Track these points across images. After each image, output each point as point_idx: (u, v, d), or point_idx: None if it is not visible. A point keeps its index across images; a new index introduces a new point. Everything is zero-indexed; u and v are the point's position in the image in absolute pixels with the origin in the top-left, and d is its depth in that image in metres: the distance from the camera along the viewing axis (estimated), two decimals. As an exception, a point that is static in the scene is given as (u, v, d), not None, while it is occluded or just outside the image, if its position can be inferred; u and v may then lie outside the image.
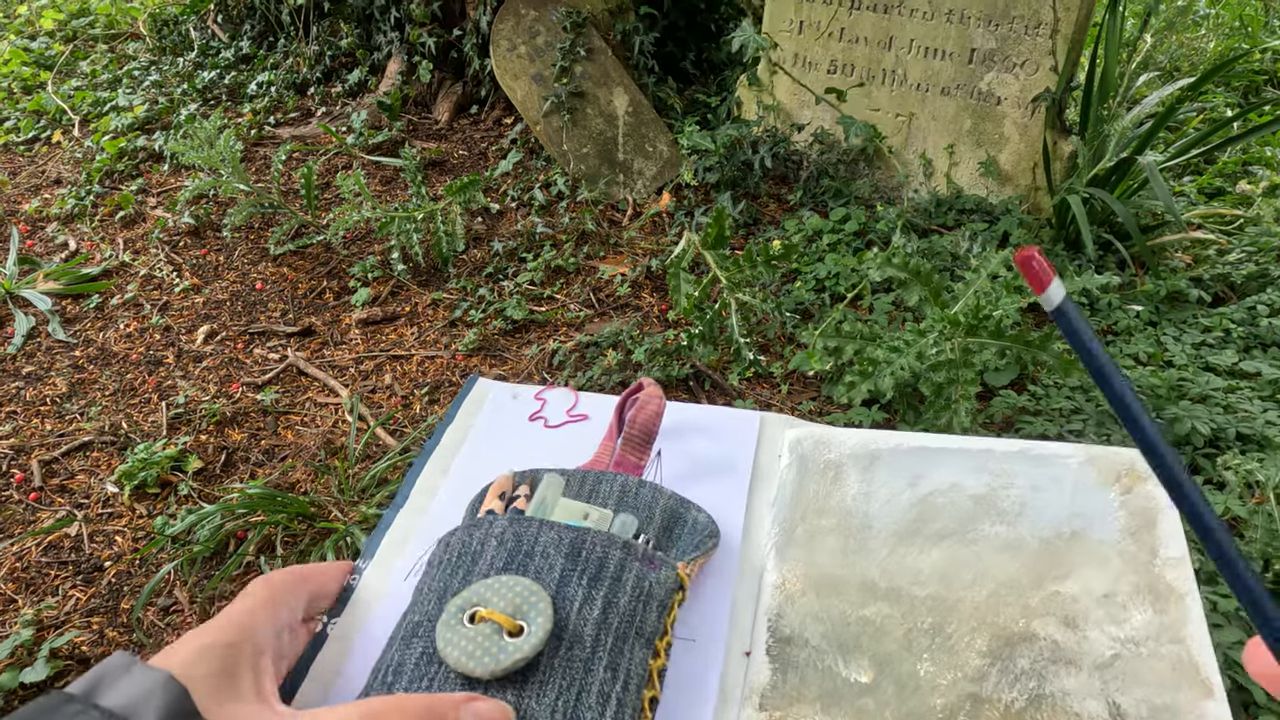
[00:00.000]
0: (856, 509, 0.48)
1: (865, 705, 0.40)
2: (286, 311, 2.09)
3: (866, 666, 0.41)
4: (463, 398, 0.60)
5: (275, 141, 2.78)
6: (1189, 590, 0.42)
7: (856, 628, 0.43)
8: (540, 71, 2.50)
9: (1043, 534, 0.45)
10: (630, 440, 0.52)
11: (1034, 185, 2.25)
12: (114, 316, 2.09)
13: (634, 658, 0.38)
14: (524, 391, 0.61)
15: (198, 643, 0.35)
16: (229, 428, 1.75)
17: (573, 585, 0.39)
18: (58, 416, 1.79)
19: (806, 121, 2.47)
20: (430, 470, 0.54)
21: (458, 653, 0.36)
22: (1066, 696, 0.39)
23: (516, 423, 0.58)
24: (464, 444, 0.56)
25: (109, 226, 2.42)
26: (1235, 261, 2.09)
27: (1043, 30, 2.11)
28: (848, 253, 2.13)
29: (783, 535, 0.48)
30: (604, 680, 0.37)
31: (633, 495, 0.48)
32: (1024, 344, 1.40)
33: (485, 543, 0.42)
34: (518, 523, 0.43)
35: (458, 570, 0.41)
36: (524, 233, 2.30)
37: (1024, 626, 0.41)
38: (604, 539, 0.42)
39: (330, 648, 0.43)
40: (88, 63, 3.41)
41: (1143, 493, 0.46)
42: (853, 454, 0.51)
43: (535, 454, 0.54)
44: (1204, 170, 2.61)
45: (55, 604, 1.41)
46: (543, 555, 0.41)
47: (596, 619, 0.38)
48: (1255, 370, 1.70)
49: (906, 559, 0.45)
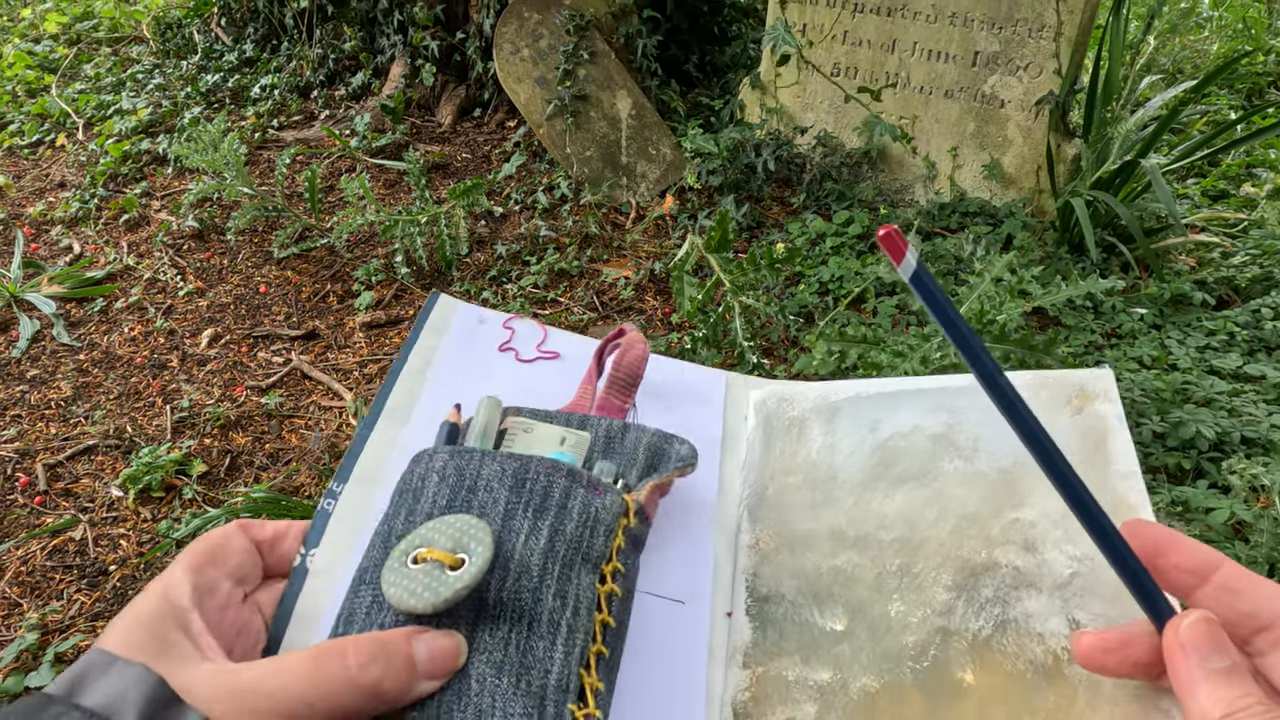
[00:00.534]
0: (821, 461, 0.49)
1: (841, 652, 0.41)
2: (290, 315, 2.10)
3: (840, 614, 0.43)
4: (426, 315, 0.57)
5: (279, 145, 2.78)
6: (1141, 502, 0.43)
7: (829, 578, 0.44)
8: (543, 75, 2.51)
9: (1000, 464, 0.46)
10: (615, 383, 0.51)
11: (1038, 188, 2.25)
12: (118, 320, 2.09)
13: (581, 583, 0.38)
14: (491, 317, 0.59)
15: (125, 620, 0.34)
16: (233, 431, 1.75)
17: (518, 517, 0.39)
18: (62, 420, 1.79)
19: (810, 124, 2.47)
20: (399, 392, 0.52)
21: (400, 591, 0.35)
22: (1029, 619, 0.40)
23: (486, 351, 0.57)
24: (432, 366, 0.55)
25: (113, 230, 2.43)
26: (1239, 264, 2.09)
27: (1046, 33, 2.10)
28: (851, 256, 2.13)
29: (754, 496, 0.49)
30: (553, 608, 0.36)
31: (618, 440, 0.47)
32: (1029, 348, 1.40)
33: (426, 478, 0.41)
34: (459, 455, 0.42)
35: (400, 510, 0.40)
36: (527, 236, 2.30)
37: (986, 556, 0.42)
38: (548, 466, 0.41)
39: (313, 583, 0.41)
40: (91, 66, 3.42)
41: (1092, 412, 0.47)
42: (815, 408, 0.52)
43: (508, 389, 0.52)
44: (1208, 173, 2.61)
45: (60, 608, 1.41)
46: (486, 489, 0.40)
47: (543, 548, 0.38)
48: (1260, 374, 1.69)
49: (872, 505, 0.46)
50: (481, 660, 0.35)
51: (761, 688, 0.41)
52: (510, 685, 0.34)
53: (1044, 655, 0.39)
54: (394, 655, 0.33)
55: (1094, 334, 1.89)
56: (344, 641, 0.34)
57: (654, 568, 0.46)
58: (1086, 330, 1.90)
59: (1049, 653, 0.39)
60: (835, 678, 0.41)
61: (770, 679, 0.41)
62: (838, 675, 0.41)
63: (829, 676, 0.41)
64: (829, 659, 0.41)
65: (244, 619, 0.39)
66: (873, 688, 0.40)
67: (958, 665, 0.40)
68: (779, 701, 0.40)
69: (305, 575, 0.42)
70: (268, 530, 0.42)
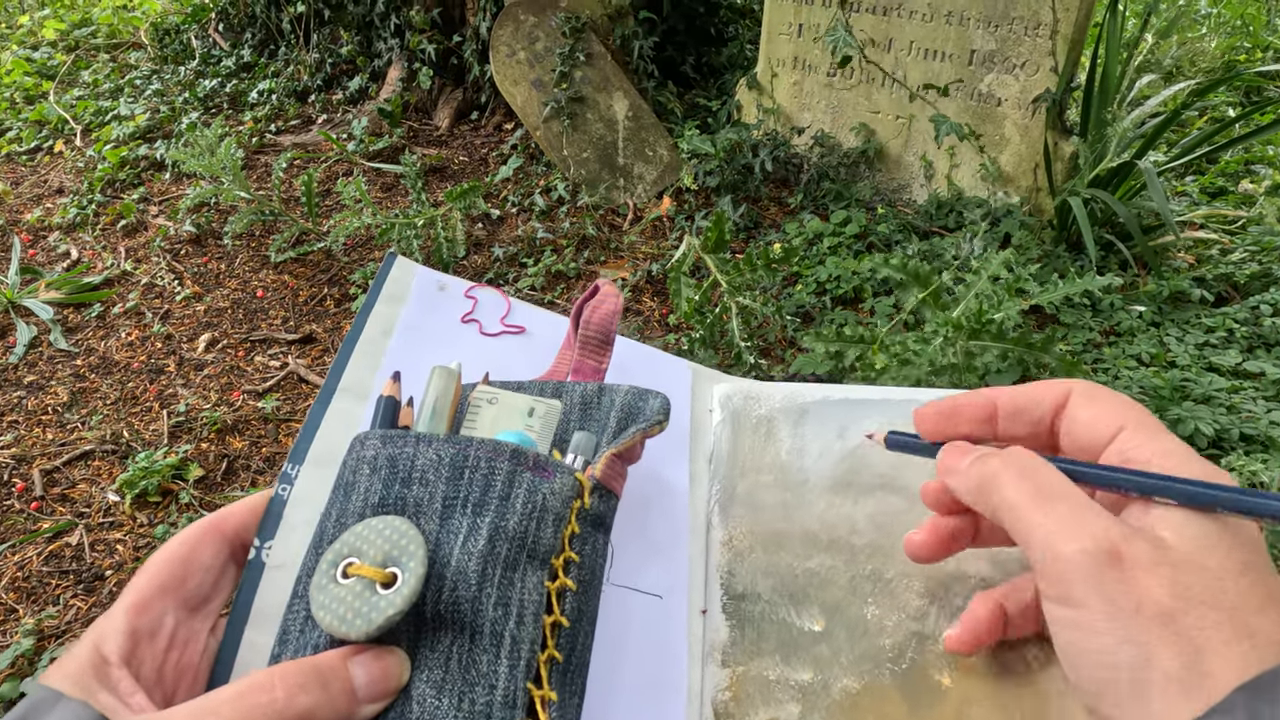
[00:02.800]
0: (792, 464, 0.49)
1: (821, 652, 0.42)
2: (288, 319, 2.09)
3: (817, 615, 0.43)
4: (382, 279, 0.53)
5: (276, 149, 2.78)
6: None
7: (804, 579, 0.44)
8: (540, 77, 2.51)
9: None
10: (588, 343, 0.48)
11: (1035, 186, 2.25)
12: (115, 325, 2.09)
13: (526, 586, 0.35)
14: (452, 284, 0.55)
15: (61, 666, 0.33)
16: (230, 436, 1.75)
17: (456, 515, 0.35)
18: (59, 425, 1.79)
19: (807, 124, 2.47)
20: (356, 364, 0.48)
21: (331, 617, 0.32)
22: None
23: (448, 321, 0.54)
24: (392, 336, 0.50)
25: (110, 235, 2.43)
26: (1238, 261, 2.08)
27: (1042, 31, 2.10)
28: (849, 255, 2.12)
29: (724, 493, 0.49)
30: (495, 619, 0.33)
31: (594, 405, 0.44)
32: (1026, 346, 1.39)
33: (358, 470, 0.37)
34: (391, 442, 0.38)
35: (332, 508, 0.37)
36: (525, 238, 2.30)
37: (955, 566, 0.44)
38: (489, 451, 0.37)
39: (272, 578, 0.38)
40: (89, 72, 3.42)
41: None
42: (782, 408, 0.52)
43: (472, 363, 0.48)
44: (1206, 170, 2.61)
45: (56, 614, 1.40)
46: (421, 482, 0.36)
47: (482, 551, 0.34)
48: (1259, 370, 1.69)
49: (843, 510, 0.47)
50: (422, 680, 0.33)
51: (742, 687, 0.41)
52: (452, 706, 0.32)
53: (1016, 661, 0.40)
54: (330, 683, 0.31)
55: (1092, 331, 1.88)
56: (273, 672, 0.31)
57: (631, 559, 0.44)
58: (1085, 328, 1.89)
59: (1020, 659, 0.40)
60: (817, 678, 0.41)
61: (751, 678, 0.41)
62: (819, 676, 0.41)
63: (810, 677, 0.41)
64: (809, 659, 0.41)
65: (195, 652, 0.37)
66: (854, 688, 0.40)
67: (934, 669, 0.40)
68: (761, 702, 0.40)
69: (261, 570, 0.38)
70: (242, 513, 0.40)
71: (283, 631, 0.35)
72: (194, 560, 0.37)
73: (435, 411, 0.41)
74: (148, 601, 0.35)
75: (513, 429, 0.42)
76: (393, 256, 0.55)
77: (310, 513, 0.40)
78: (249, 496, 0.41)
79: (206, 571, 0.37)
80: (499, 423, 0.42)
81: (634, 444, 0.42)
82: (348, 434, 0.42)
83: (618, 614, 0.42)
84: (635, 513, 0.45)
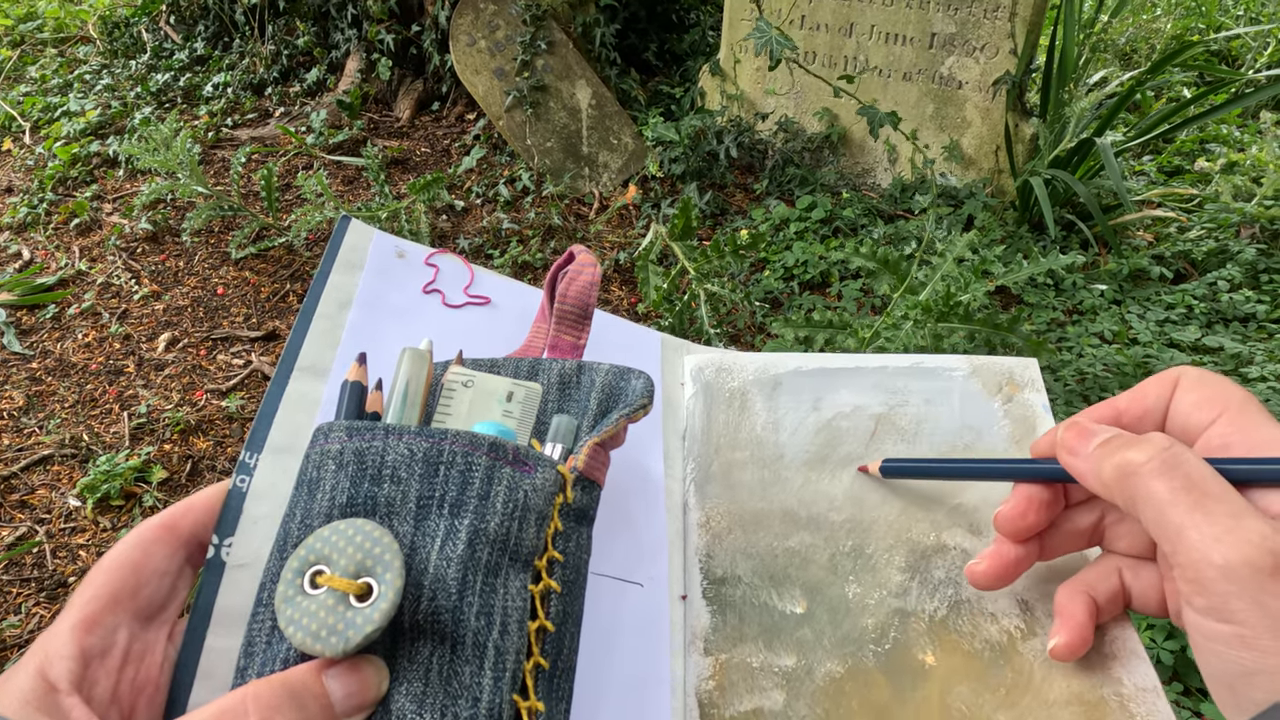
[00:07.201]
0: (767, 439, 0.49)
1: (804, 636, 0.41)
2: (250, 316, 2.06)
3: (799, 596, 0.42)
4: (336, 246, 0.49)
5: (234, 144, 2.73)
6: None
7: (784, 559, 0.44)
8: (501, 66, 2.48)
9: (939, 449, 0.48)
10: (564, 317, 0.46)
11: (997, 168, 2.27)
12: (72, 326, 2.04)
13: (509, 591, 0.33)
14: (411, 250, 0.52)
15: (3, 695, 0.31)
16: (194, 436, 1.72)
17: (432, 517, 0.33)
18: (15, 430, 1.75)
19: (770, 110, 2.47)
20: (314, 341, 0.44)
21: (301, 633, 0.30)
22: (981, 599, 0.42)
23: (409, 291, 0.50)
24: (350, 309, 0.47)
25: (64, 234, 2.37)
26: (1195, 238, 2.12)
27: (1001, 13, 2.12)
28: (815, 240, 2.13)
29: (700, 471, 0.48)
30: (478, 629, 0.31)
31: (573, 385, 0.42)
32: (993, 327, 1.41)
33: (323, 466, 0.34)
34: (359, 435, 0.34)
35: (295, 508, 0.34)
36: (490, 229, 2.28)
37: (935, 539, 0.44)
38: (465, 444, 0.34)
39: (234, 577, 0.35)
40: (36, 68, 3.33)
41: (1022, 401, 0.49)
42: (755, 380, 0.51)
43: (439, 338, 0.44)
44: (1163, 149, 2.65)
45: (18, 622, 1.37)
46: (393, 480, 0.33)
47: (462, 556, 0.32)
48: (1218, 345, 1.72)
49: (820, 486, 0.46)
50: (401, 693, 0.30)
51: (726, 675, 0.40)
52: None
53: (998, 634, 0.40)
54: (306, 702, 0.29)
55: (1056, 311, 1.91)
56: (244, 693, 0.29)
57: (610, 547, 0.42)
58: (1049, 307, 1.92)
59: (1003, 631, 0.40)
60: (800, 663, 0.40)
61: (734, 666, 0.40)
62: (802, 661, 0.40)
63: (793, 662, 0.40)
64: (792, 644, 0.41)
65: (153, 664, 0.34)
66: (838, 673, 0.40)
67: (918, 647, 0.40)
68: (745, 690, 0.39)
69: (222, 570, 0.35)
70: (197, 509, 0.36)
71: (248, 643, 0.32)
72: (146, 565, 0.34)
73: (407, 399, 0.38)
74: (97, 616, 0.32)
75: (490, 418, 0.40)
76: (346, 219, 0.51)
77: (272, 506, 0.37)
78: (204, 490, 0.37)
79: (161, 577, 0.34)
80: (475, 410, 0.40)
81: (617, 430, 0.39)
82: (309, 417, 0.39)
83: (599, 605, 0.41)
84: (610, 495, 0.43)
